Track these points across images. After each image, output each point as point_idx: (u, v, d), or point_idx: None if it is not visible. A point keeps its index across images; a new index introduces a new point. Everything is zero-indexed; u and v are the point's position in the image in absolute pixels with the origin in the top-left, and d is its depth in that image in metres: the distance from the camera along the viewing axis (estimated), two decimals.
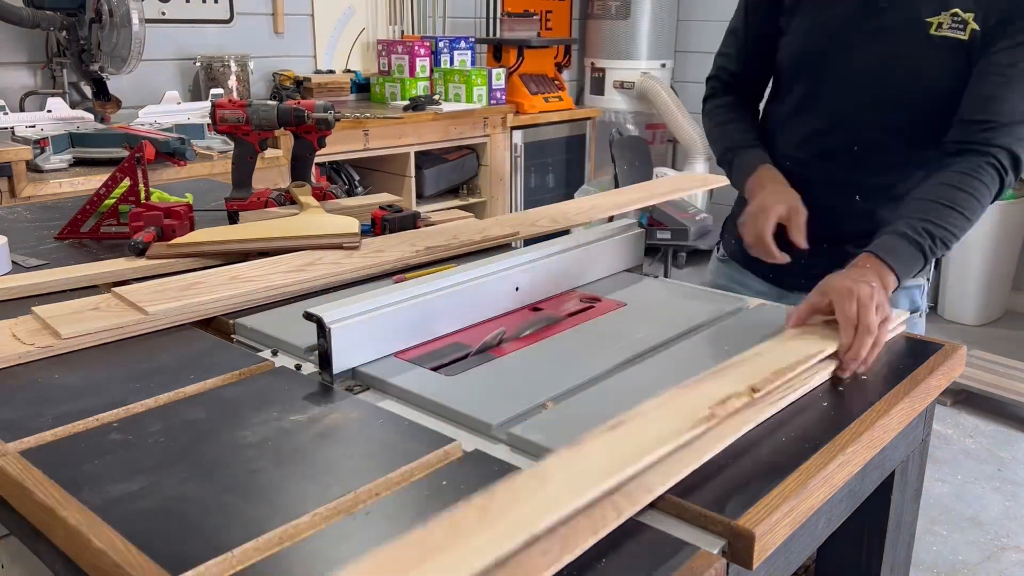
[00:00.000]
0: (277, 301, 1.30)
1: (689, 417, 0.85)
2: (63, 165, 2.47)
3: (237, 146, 1.70)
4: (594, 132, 4.58)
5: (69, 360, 1.09)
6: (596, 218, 1.84)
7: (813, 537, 0.92)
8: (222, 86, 3.36)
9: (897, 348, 1.18)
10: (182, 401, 0.98)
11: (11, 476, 0.81)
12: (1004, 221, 3.97)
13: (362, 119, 3.37)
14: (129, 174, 1.63)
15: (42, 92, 3.01)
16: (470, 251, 1.55)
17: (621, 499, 0.74)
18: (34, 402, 0.96)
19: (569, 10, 5.05)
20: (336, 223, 1.52)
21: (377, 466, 0.83)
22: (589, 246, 1.43)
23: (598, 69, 4.90)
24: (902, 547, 1.25)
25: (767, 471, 0.84)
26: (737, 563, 0.75)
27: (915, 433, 1.16)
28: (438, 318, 1.18)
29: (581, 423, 0.84)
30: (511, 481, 0.72)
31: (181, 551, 0.69)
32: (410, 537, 0.63)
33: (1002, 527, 2.55)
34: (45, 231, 1.71)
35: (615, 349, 1.14)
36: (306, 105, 1.67)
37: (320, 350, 1.05)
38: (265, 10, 3.70)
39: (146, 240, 1.47)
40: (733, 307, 1.32)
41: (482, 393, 1.01)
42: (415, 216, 1.64)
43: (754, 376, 0.96)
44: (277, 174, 2.76)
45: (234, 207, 1.69)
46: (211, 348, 1.14)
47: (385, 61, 3.99)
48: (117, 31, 2.60)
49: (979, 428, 3.15)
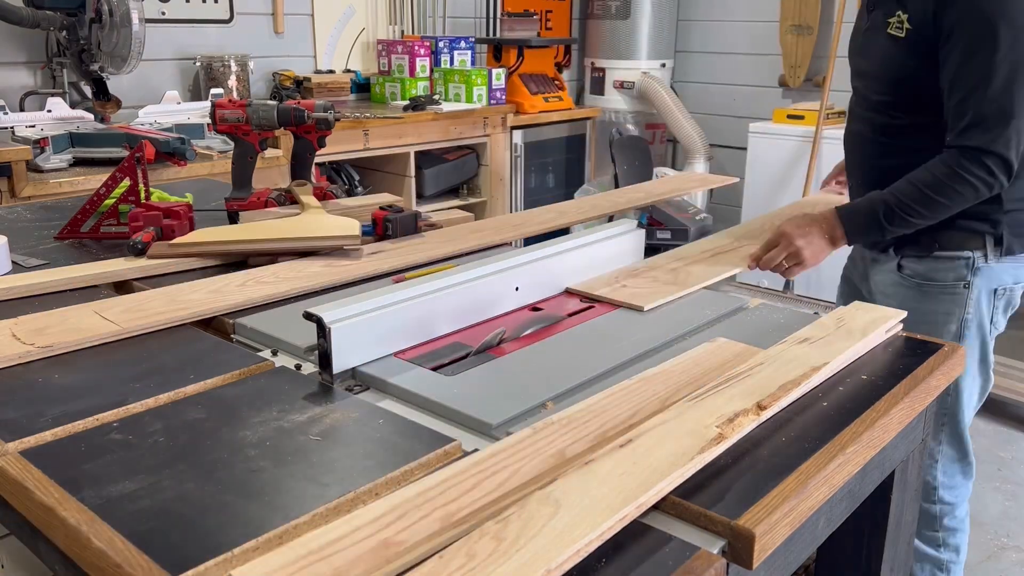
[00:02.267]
0: (277, 301, 1.30)
1: (698, 436, 0.86)
2: (63, 165, 2.46)
3: (237, 146, 1.70)
4: (594, 132, 4.58)
5: (69, 360, 1.09)
6: (596, 218, 1.84)
7: (813, 537, 0.92)
8: (222, 86, 3.36)
9: (897, 348, 1.18)
10: (182, 401, 0.98)
11: (11, 476, 0.81)
12: None
13: (362, 119, 3.37)
14: (129, 174, 1.63)
15: (42, 92, 3.01)
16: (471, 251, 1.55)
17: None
18: (34, 402, 0.96)
19: (569, 10, 5.05)
20: (337, 224, 1.52)
21: (377, 466, 0.83)
22: (589, 246, 1.43)
23: (598, 69, 4.90)
24: (902, 547, 1.25)
25: (767, 471, 0.84)
26: (737, 563, 0.75)
27: (915, 433, 1.16)
28: (438, 318, 1.18)
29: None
30: (523, 508, 0.72)
31: (181, 551, 0.69)
32: (426, 567, 0.64)
33: (1002, 527, 2.55)
34: (45, 231, 1.71)
35: (615, 349, 1.14)
36: (306, 105, 1.67)
37: (320, 350, 1.05)
38: (265, 10, 3.70)
39: (146, 240, 1.47)
40: (733, 307, 1.32)
41: (482, 393, 1.01)
42: (415, 216, 1.64)
43: (761, 391, 0.97)
44: (277, 174, 2.76)
45: (234, 207, 1.69)
46: (211, 348, 1.14)
47: (385, 61, 3.99)
48: (117, 31, 2.60)
49: (979, 428, 3.15)
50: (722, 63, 4.85)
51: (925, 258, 1.60)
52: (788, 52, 4.45)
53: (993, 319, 1.62)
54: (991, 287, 1.59)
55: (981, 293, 1.59)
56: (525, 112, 4.14)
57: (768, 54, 4.58)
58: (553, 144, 4.36)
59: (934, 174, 1.47)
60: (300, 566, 0.65)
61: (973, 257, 1.57)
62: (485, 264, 1.26)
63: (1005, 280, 1.60)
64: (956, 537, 1.73)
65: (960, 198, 1.46)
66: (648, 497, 0.76)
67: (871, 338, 1.15)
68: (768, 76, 4.61)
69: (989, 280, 1.59)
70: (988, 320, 1.61)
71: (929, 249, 1.59)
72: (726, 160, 4.79)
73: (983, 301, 1.60)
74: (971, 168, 1.44)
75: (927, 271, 1.60)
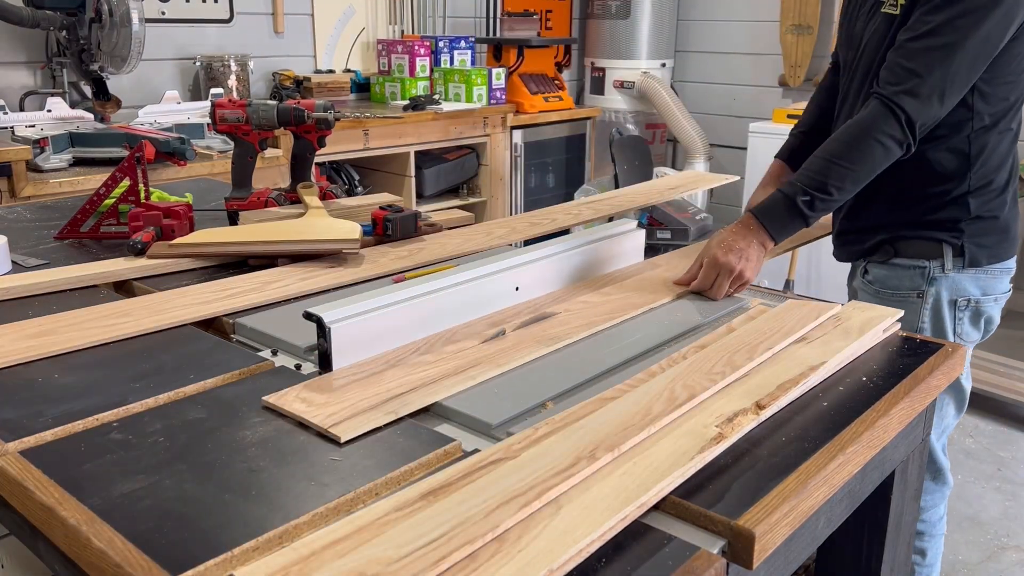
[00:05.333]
0: (277, 301, 1.30)
1: (698, 436, 0.86)
2: (63, 165, 2.46)
3: (237, 146, 1.70)
4: (594, 132, 4.58)
5: (69, 360, 1.08)
6: (596, 218, 1.84)
7: (813, 537, 0.92)
8: (222, 86, 3.36)
9: (897, 348, 1.18)
10: (182, 401, 0.98)
11: (11, 476, 0.81)
12: None
13: (362, 119, 3.37)
14: (129, 174, 1.63)
15: (42, 92, 3.01)
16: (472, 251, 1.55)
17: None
18: (34, 402, 0.96)
19: (569, 10, 5.05)
20: (337, 228, 1.51)
21: (377, 466, 0.83)
22: (589, 246, 1.43)
23: (598, 69, 4.90)
24: (902, 547, 1.25)
25: (767, 471, 0.84)
26: (737, 563, 0.75)
27: (915, 433, 1.16)
28: (438, 318, 1.18)
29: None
30: (524, 508, 0.72)
31: (181, 551, 0.69)
32: (428, 569, 0.64)
33: (1002, 527, 2.55)
34: (45, 231, 1.71)
35: (615, 349, 1.14)
36: (306, 105, 1.67)
37: (320, 350, 1.05)
38: (265, 10, 3.70)
39: (145, 240, 1.47)
40: (733, 307, 1.32)
41: (482, 393, 1.01)
42: (415, 216, 1.64)
43: (760, 390, 0.97)
44: (277, 174, 2.76)
45: (234, 207, 1.69)
46: (211, 348, 1.14)
47: (385, 61, 3.98)
48: (117, 31, 2.60)
49: (979, 428, 3.15)
50: (722, 63, 4.85)
51: (884, 264, 1.58)
52: (788, 52, 4.45)
53: (957, 331, 1.56)
54: (951, 298, 1.54)
55: (941, 304, 1.54)
56: (525, 112, 4.14)
57: (768, 54, 4.58)
58: (553, 144, 4.36)
59: (839, 140, 1.42)
60: (300, 566, 0.65)
61: (930, 267, 1.53)
62: (485, 264, 1.26)
63: (970, 291, 1.54)
64: (923, 541, 1.70)
65: (870, 159, 1.39)
66: (648, 497, 0.76)
67: (868, 337, 1.16)
68: (768, 76, 4.61)
69: (950, 291, 1.53)
70: (951, 332, 1.55)
71: (887, 256, 1.57)
72: (726, 160, 4.79)
73: (944, 312, 1.55)
74: (879, 123, 1.38)
75: (885, 278, 1.58)
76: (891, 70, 1.41)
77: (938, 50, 1.37)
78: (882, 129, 1.38)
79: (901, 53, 1.41)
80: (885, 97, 1.39)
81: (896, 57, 1.42)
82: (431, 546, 0.67)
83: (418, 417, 0.96)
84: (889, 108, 1.38)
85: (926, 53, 1.38)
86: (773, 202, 1.42)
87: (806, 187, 1.39)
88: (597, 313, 1.26)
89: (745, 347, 1.09)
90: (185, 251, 1.47)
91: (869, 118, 1.40)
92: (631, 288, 1.38)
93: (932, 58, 1.37)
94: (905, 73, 1.39)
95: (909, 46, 1.40)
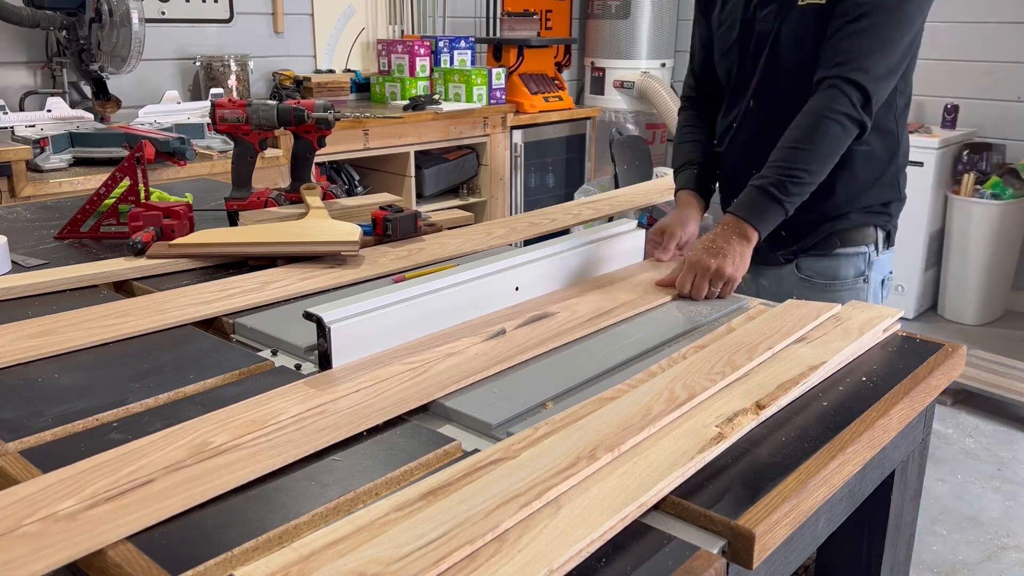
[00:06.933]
0: (277, 301, 1.30)
1: (698, 436, 0.86)
2: (63, 165, 2.46)
3: (237, 146, 1.70)
4: (594, 132, 4.58)
5: (69, 360, 1.08)
6: (596, 218, 1.84)
7: (813, 537, 0.92)
8: (222, 86, 3.36)
9: (897, 348, 1.18)
10: (182, 401, 0.98)
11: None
12: (1004, 221, 3.96)
13: (362, 119, 3.37)
14: (129, 174, 1.63)
15: (42, 92, 3.01)
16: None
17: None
18: (34, 402, 0.96)
19: (569, 10, 5.05)
20: (337, 230, 1.51)
21: (377, 466, 0.83)
22: (589, 246, 1.43)
23: (598, 69, 4.90)
24: (902, 547, 1.25)
25: (767, 471, 0.84)
26: (737, 563, 0.75)
27: (915, 433, 1.16)
28: (438, 318, 1.18)
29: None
30: (524, 508, 0.72)
31: (181, 551, 0.69)
32: (428, 569, 0.64)
33: (1002, 527, 2.55)
34: (45, 231, 1.71)
35: (615, 349, 1.14)
36: (306, 105, 1.67)
37: (320, 350, 1.05)
38: (265, 10, 3.70)
39: (145, 240, 1.47)
40: (733, 307, 1.32)
41: (482, 393, 1.01)
42: (415, 216, 1.64)
43: (760, 390, 0.97)
44: (277, 174, 2.76)
45: (234, 207, 1.69)
46: (211, 348, 1.14)
47: (385, 61, 3.99)
48: (117, 31, 2.60)
49: (979, 428, 3.15)
50: None
51: (825, 257, 1.59)
52: None
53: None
54: (879, 278, 1.63)
55: (877, 285, 1.62)
56: (525, 112, 4.14)
57: None
58: (553, 144, 4.37)
59: (797, 127, 1.42)
60: (300, 566, 0.65)
61: (868, 251, 1.59)
62: (485, 264, 1.26)
63: (888, 268, 1.64)
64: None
65: (828, 138, 1.40)
66: (648, 497, 0.76)
67: (868, 336, 1.16)
68: None
69: (879, 271, 1.62)
70: None
71: (830, 247, 1.59)
72: None
73: (879, 292, 1.63)
74: (831, 104, 1.39)
75: (825, 269, 1.60)
76: (837, 51, 1.42)
77: (882, 28, 1.39)
78: (835, 109, 1.39)
79: (845, 34, 1.41)
80: (835, 78, 1.40)
81: (839, 39, 1.42)
82: (431, 546, 0.67)
83: (418, 417, 0.96)
84: (839, 88, 1.40)
85: (872, 31, 1.39)
86: (746, 195, 1.43)
87: (774, 173, 1.41)
88: (597, 313, 1.26)
89: (745, 347, 1.10)
90: (185, 251, 1.47)
91: (822, 101, 1.41)
92: (631, 288, 1.38)
93: (877, 35, 1.39)
94: (853, 52, 1.40)
95: (852, 27, 1.41)
